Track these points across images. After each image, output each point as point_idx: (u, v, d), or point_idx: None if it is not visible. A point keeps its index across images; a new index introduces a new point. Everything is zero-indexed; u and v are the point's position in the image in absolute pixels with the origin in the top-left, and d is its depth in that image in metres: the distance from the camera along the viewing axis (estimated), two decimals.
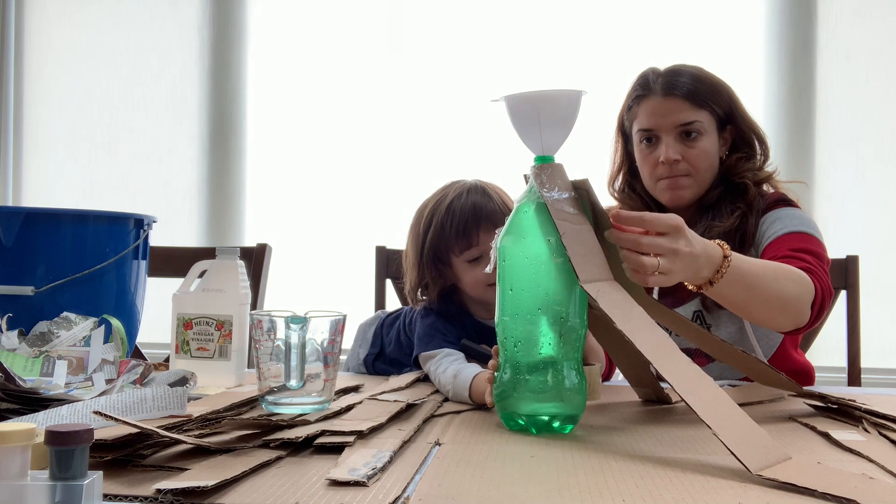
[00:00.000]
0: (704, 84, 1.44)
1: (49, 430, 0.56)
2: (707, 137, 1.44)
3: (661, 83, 1.44)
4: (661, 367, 0.84)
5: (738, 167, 1.47)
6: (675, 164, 1.42)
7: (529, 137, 0.96)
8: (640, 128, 1.46)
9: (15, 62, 2.89)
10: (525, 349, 0.93)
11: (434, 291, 1.35)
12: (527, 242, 0.93)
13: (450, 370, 1.19)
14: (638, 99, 1.47)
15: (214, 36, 2.81)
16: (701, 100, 1.43)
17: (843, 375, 1.77)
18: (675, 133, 1.43)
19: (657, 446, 0.86)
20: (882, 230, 2.48)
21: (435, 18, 2.70)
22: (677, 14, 2.57)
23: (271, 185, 2.78)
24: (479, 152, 2.56)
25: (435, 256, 1.34)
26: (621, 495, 0.67)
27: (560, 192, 0.94)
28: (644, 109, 1.45)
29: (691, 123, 1.42)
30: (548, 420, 0.92)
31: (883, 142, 2.50)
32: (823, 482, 0.69)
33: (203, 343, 1.20)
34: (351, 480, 0.68)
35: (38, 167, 2.89)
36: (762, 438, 0.78)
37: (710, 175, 1.46)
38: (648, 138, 1.46)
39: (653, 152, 1.45)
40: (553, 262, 0.91)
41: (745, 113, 1.48)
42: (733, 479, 0.73)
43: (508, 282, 0.95)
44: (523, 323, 0.93)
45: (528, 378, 0.92)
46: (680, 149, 1.42)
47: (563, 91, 0.95)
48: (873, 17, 2.51)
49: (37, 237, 1.29)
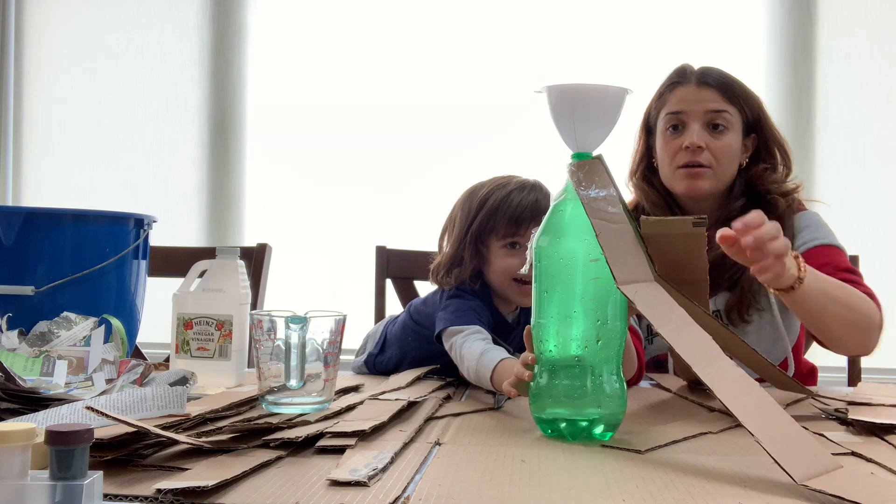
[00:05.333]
0: (737, 84, 1.46)
1: (49, 430, 0.56)
2: (732, 134, 1.44)
3: (697, 74, 1.46)
4: (701, 372, 0.81)
5: (764, 179, 1.46)
6: (699, 151, 1.42)
7: (565, 132, 0.93)
8: (669, 111, 1.46)
9: (15, 62, 2.89)
10: (562, 353, 0.89)
11: (467, 270, 1.36)
12: (563, 243, 0.90)
13: (477, 347, 1.19)
14: (671, 87, 1.47)
15: (214, 36, 2.81)
16: (732, 95, 1.44)
17: (844, 375, 1.77)
18: (704, 121, 1.43)
19: (657, 446, 0.86)
20: (882, 230, 2.48)
21: (435, 18, 2.70)
22: (678, 15, 2.57)
23: (271, 185, 2.78)
24: (479, 152, 2.57)
25: (479, 235, 1.36)
26: (621, 495, 0.67)
27: (598, 189, 0.90)
28: (676, 96, 1.46)
29: (721, 113, 1.43)
30: (586, 426, 0.88)
31: (883, 142, 2.50)
32: (875, 496, 0.65)
33: (203, 343, 1.20)
34: (352, 481, 0.68)
35: (38, 167, 2.89)
36: (810, 446, 0.75)
37: (729, 173, 1.45)
38: (675, 125, 1.45)
39: (677, 139, 1.44)
40: (590, 263, 0.88)
41: (772, 124, 1.49)
42: (734, 479, 0.73)
43: (544, 283, 0.91)
44: (560, 326, 0.89)
45: (566, 383, 0.89)
46: (705, 137, 1.42)
47: (605, 87, 0.91)
48: (873, 19, 2.51)
49: (37, 237, 1.29)
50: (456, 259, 1.37)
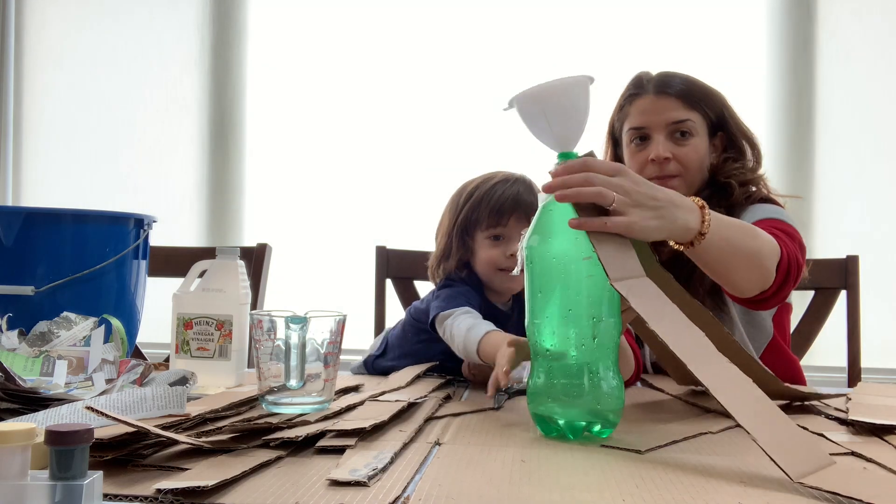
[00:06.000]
0: (696, 87, 1.45)
1: (49, 430, 0.56)
2: (698, 138, 1.43)
3: (654, 83, 1.45)
4: (695, 369, 0.81)
5: (725, 167, 1.45)
6: (666, 162, 1.41)
7: (542, 134, 0.93)
8: (632, 126, 1.45)
9: (15, 62, 2.89)
10: (558, 352, 0.89)
11: (453, 262, 1.42)
12: (554, 242, 0.90)
13: (464, 323, 1.23)
14: (630, 98, 1.47)
15: (214, 36, 2.81)
16: (693, 101, 1.43)
17: (844, 375, 1.77)
18: (667, 132, 1.42)
19: (657, 446, 0.86)
20: (882, 230, 2.48)
21: (435, 18, 2.70)
22: (678, 15, 2.57)
23: (271, 185, 2.78)
24: (479, 152, 2.56)
25: (464, 227, 1.42)
26: (621, 495, 0.67)
27: None
28: (636, 108, 1.45)
29: (683, 122, 1.42)
30: (586, 425, 0.88)
31: (883, 142, 2.50)
32: (871, 490, 0.65)
33: (203, 343, 1.20)
34: (352, 481, 0.68)
35: (38, 167, 2.89)
36: (805, 443, 0.75)
37: (699, 177, 1.45)
38: (640, 137, 1.45)
39: (642, 151, 1.44)
40: (582, 261, 0.88)
41: (736, 118, 1.48)
42: (734, 479, 0.73)
43: (538, 284, 0.91)
44: (555, 325, 0.90)
45: (563, 382, 0.89)
46: (671, 147, 1.42)
47: (567, 79, 0.91)
48: (873, 18, 2.51)
49: (37, 237, 1.29)
50: (446, 252, 1.43)
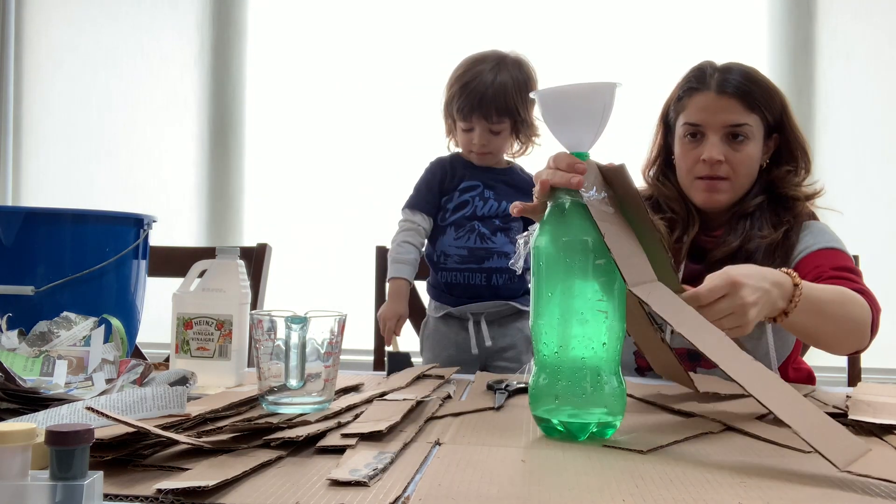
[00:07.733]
0: (760, 87, 1.41)
1: (49, 430, 0.56)
2: (753, 143, 1.40)
3: (717, 79, 1.40)
4: (727, 367, 0.81)
5: (787, 181, 1.43)
6: (717, 164, 1.39)
7: (559, 133, 0.93)
8: (687, 121, 1.42)
9: (15, 62, 2.89)
10: (563, 354, 0.89)
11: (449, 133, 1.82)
12: (563, 244, 0.89)
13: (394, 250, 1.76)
14: (690, 91, 1.43)
15: (214, 36, 2.81)
16: (754, 103, 1.39)
17: (844, 375, 1.77)
18: (722, 133, 1.39)
19: (658, 446, 0.85)
20: (882, 230, 2.48)
21: (435, 18, 2.69)
22: (678, 14, 2.57)
23: (271, 185, 2.78)
24: None
25: (448, 113, 1.79)
26: (621, 495, 0.67)
27: (598, 191, 0.90)
28: (695, 103, 1.41)
29: (740, 126, 1.39)
30: (586, 426, 0.88)
31: (883, 142, 2.50)
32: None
33: (203, 343, 1.20)
34: (352, 480, 0.68)
35: (38, 167, 2.89)
36: (841, 433, 0.76)
37: (748, 182, 1.43)
38: (693, 133, 1.42)
39: (695, 148, 1.41)
40: (592, 264, 0.87)
41: (795, 124, 1.45)
42: (733, 478, 0.73)
43: (545, 284, 0.90)
44: (561, 327, 0.89)
45: (566, 383, 0.88)
46: (724, 150, 1.39)
47: (591, 84, 0.91)
48: (873, 18, 2.51)
49: (37, 237, 1.29)
50: (446, 124, 1.80)
